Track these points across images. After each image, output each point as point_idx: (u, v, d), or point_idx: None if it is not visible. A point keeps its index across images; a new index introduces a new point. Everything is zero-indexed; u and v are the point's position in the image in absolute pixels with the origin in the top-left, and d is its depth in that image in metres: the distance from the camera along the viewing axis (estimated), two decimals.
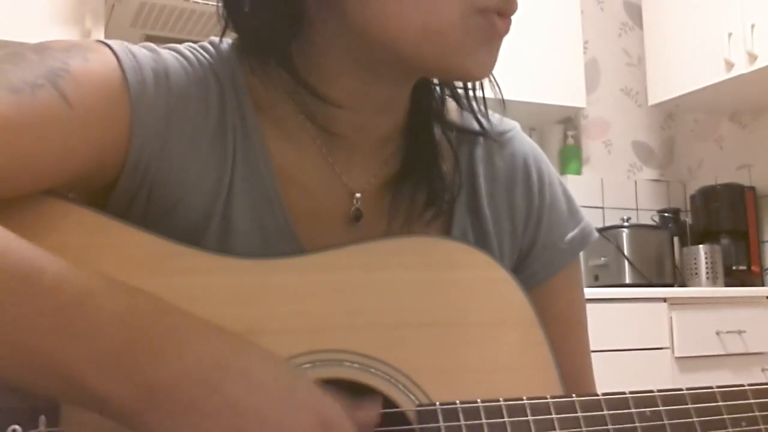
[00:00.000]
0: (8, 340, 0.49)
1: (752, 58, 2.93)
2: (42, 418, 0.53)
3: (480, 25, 0.61)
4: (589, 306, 0.82)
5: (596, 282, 3.13)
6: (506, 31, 0.63)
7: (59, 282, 0.50)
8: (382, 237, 0.69)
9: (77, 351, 0.49)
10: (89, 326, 0.50)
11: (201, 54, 0.68)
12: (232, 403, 0.50)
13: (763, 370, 2.80)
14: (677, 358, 2.69)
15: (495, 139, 0.77)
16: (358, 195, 0.70)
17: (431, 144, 0.73)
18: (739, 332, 2.76)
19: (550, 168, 0.81)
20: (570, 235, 0.79)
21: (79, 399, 0.50)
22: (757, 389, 0.66)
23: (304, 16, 0.65)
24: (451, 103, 0.77)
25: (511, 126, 0.80)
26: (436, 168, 0.72)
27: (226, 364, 0.52)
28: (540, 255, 0.78)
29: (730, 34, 2.98)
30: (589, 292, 2.55)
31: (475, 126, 0.77)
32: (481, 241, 0.75)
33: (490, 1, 0.61)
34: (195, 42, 0.70)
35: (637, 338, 2.64)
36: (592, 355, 0.82)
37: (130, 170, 0.62)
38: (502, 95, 0.74)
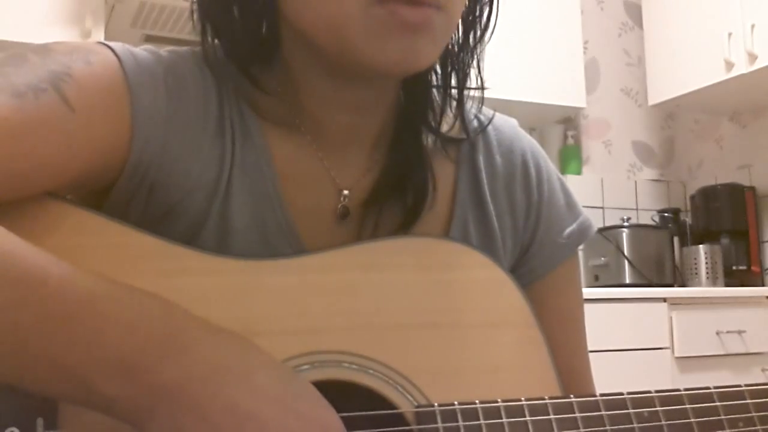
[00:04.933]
0: (15, 344, 0.49)
1: (752, 58, 2.93)
2: (39, 421, 0.53)
3: (379, 15, 0.59)
4: (589, 306, 0.82)
5: (596, 282, 3.13)
6: (421, 18, 0.59)
7: (64, 286, 0.51)
8: (380, 238, 0.69)
9: (84, 355, 0.50)
10: (95, 331, 0.50)
11: (200, 55, 0.68)
12: (232, 407, 0.50)
13: (763, 370, 2.80)
14: (677, 358, 2.69)
15: (489, 136, 0.77)
16: (345, 192, 0.71)
17: (415, 149, 0.73)
18: (739, 332, 2.76)
19: (548, 163, 0.81)
20: (568, 229, 0.79)
21: (86, 401, 0.51)
22: (754, 390, 0.66)
23: (278, 34, 0.67)
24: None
25: (509, 122, 0.80)
26: (418, 173, 0.72)
27: (229, 366, 0.52)
28: (539, 250, 0.78)
29: (730, 34, 2.98)
30: (589, 292, 2.55)
31: (474, 123, 0.77)
32: (487, 237, 0.75)
33: None
34: (195, 42, 0.70)
35: (637, 338, 2.64)
36: (592, 355, 0.82)
37: (130, 171, 0.63)
38: (482, 89, 0.74)
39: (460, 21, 0.71)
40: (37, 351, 0.49)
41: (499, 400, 0.60)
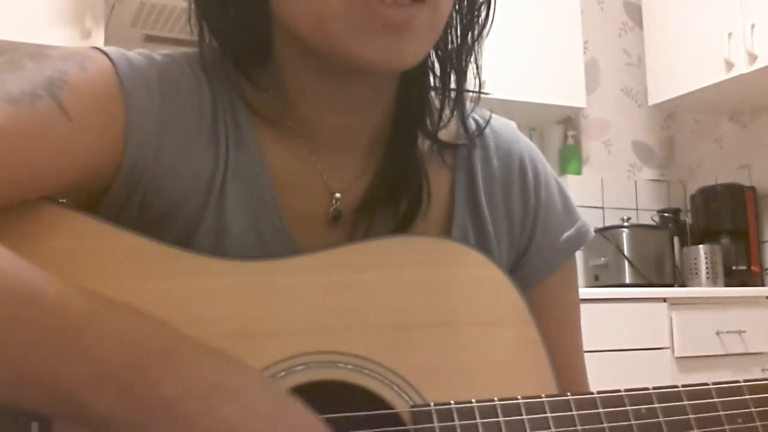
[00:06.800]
0: (9, 361, 0.49)
1: (752, 58, 2.93)
2: (34, 425, 0.53)
3: (362, 14, 0.58)
4: (589, 306, 0.82)
5: (596, 282, 3.13)
6: (404, 18, 0.59)
7: (60, 304, 0.51)
8: (375, 237, 0.69)
9: (78, 372, 0.50)
10: (90, 348, 0.50)
11: (194, 58, 0.68)
12: (226, 422, 0.51)
13: (763, 370, 2.80)
14: (677, 358, 2.69)
15: (487, 140, 0.77)
16: (338, 195, 0.70)
17: (410, 154, 0.72)
18: (739, 332, 2.76)
19: (546, 167, 0.80)
20: (566, 234, 0.78)
21: (81, 418, 0.51)
22: (752, 385, 0.65)
23: (270, 34, 0.67)
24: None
25: (507, 125, 0.80)
26: (412, 180, 0.72)
27: (222, 384, 0.52)
28: (536, 255, 0.77)
29: (730, 34, 2.98)
30: (589, 292, 2.55)
31: (471, 125, 0.76)
32: (482, 241, 0.74)
33: None
34: (195, 43, 0.70)
35: (637, 338, 2.64)
36: (593, 355, 0.82)
37: (124, 176, 0.63)
38: (479, 92, 0.73)
39: (458, 20, 0.70)
40: (31, 368, 0.49)
41: (495, 398, 0.60)
